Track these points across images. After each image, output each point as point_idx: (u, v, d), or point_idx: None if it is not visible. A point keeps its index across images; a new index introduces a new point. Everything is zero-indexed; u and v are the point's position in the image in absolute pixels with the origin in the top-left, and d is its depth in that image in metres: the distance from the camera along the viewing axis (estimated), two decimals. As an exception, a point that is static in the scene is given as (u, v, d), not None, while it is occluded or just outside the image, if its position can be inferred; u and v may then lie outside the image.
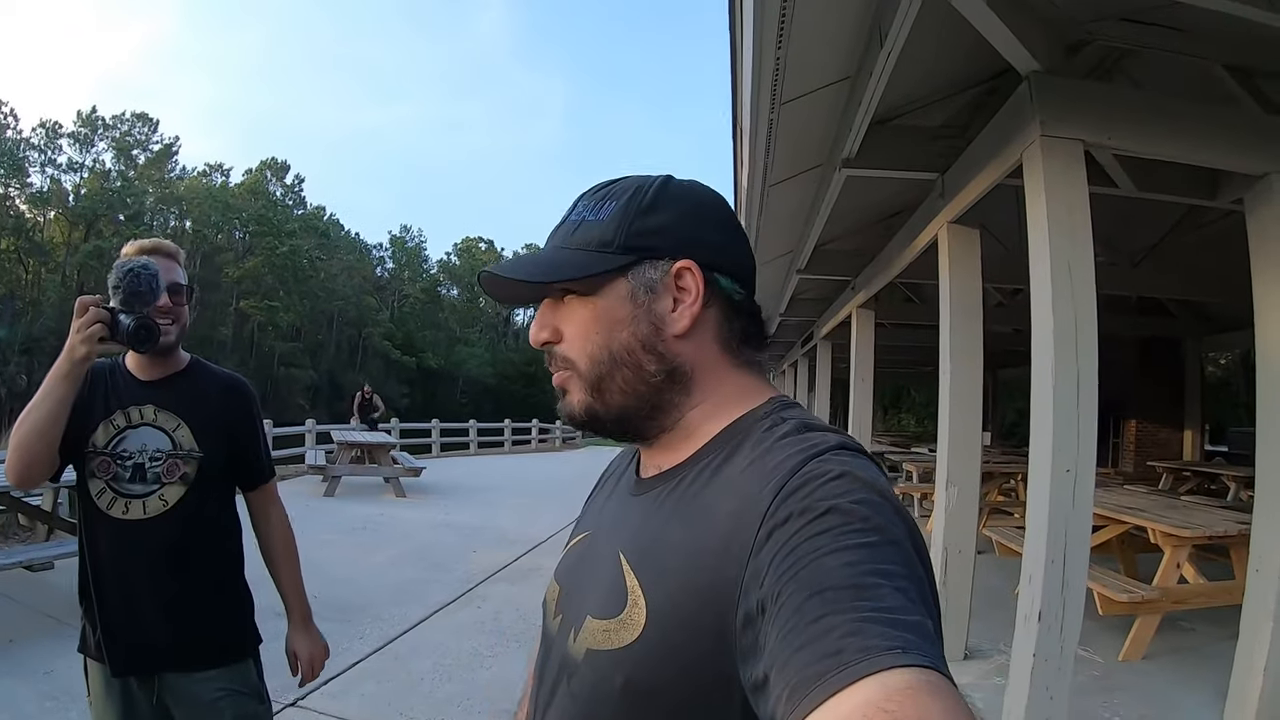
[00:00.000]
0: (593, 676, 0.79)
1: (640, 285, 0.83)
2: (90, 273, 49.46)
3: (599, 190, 0.88)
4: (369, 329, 67.13)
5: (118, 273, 1.77)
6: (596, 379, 0.85)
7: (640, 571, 0.78)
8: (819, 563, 0.59)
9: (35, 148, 52.68)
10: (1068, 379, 3.10)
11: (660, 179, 0.87)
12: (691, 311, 0.83)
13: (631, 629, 0.75)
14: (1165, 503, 6.02)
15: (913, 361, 17.51)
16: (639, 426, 0.88)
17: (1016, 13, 3.02)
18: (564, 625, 0.88)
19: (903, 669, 0.50)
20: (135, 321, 1.74)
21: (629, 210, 0.84)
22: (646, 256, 0.83)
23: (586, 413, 0.87)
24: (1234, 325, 10.33)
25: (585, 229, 0.86)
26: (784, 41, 3.16)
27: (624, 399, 0.85)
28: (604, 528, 0.94)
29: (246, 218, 60.37)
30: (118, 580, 1.86)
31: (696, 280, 0.83)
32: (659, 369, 0.84)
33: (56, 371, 1.72)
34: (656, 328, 0.83)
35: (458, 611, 5.70)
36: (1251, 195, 3.62)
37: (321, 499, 10.73)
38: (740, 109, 4.24)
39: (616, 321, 0.84)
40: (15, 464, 1.75)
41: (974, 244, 4.68)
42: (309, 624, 2.20)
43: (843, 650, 0.52)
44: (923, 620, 0.56)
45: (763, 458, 0.74)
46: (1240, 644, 3.51)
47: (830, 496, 0.64)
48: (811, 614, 0.56)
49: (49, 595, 5.13)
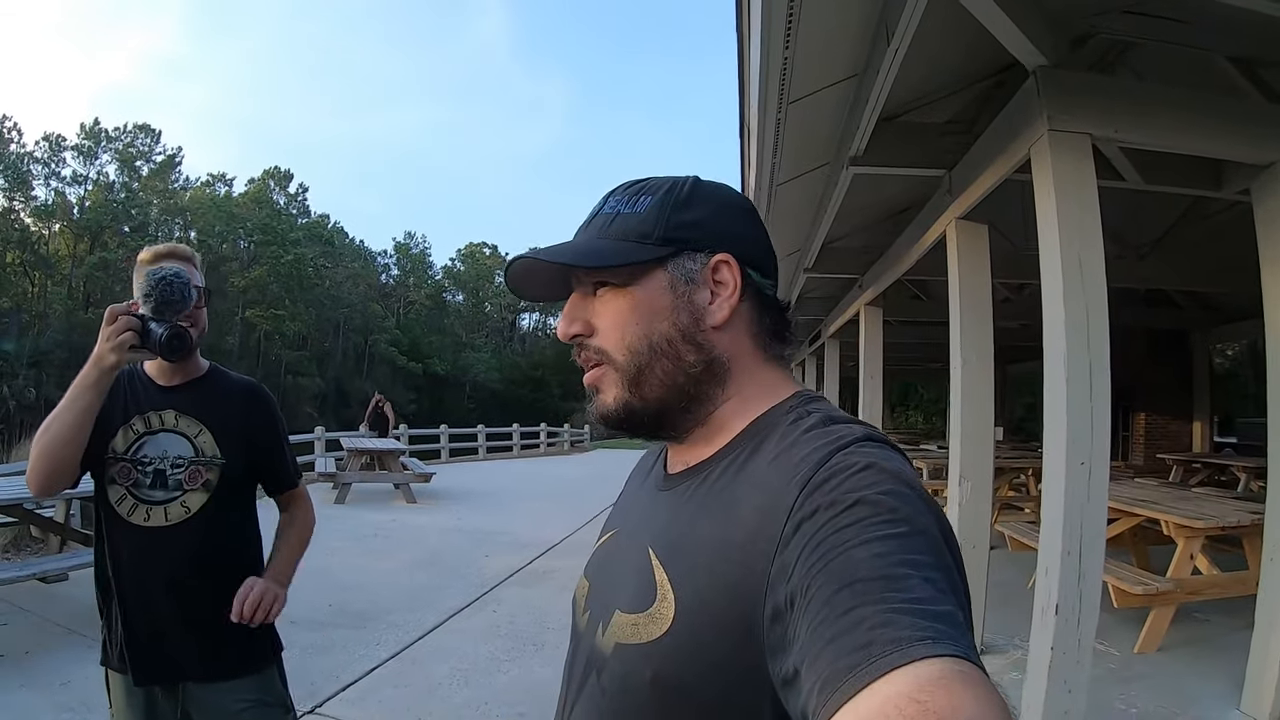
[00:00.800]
0: (622, 670, 0.79)
1: (680, 276, 0.84)
2: (96, 284, 49.61)
3: (631, 186, 0.89)
4: (375, 336, 67.15)
5: (149, 280, 1.76)
6: (635, 371, 0.85)
7: (669, 566, 0.78)
8: (847, 555, 0.59)
9: (39, 161, 52.71)
10: (1080, 372, 3.10)
11: (692, 177, 0.89)
12: (730, 303, 0.84)
13: (660, 623, 0.75)
14: (1177, 494, 6.01)
15: (920, 359, 17.49)
16: (675, 421, 0.88)
17: (1022, 7, 3.02)
18: (592, 620, 0.89)
19: (934, 659, 0.50)
20: (168, 330, 1.72)
21: (666, 204, 0.85)
22: (686, 248, 0.84)
23: (624, 409, 0.87)
24: (1241, 316, 10.30)
25: (622, 220, 0.86)
26: (792, 40, 3.17)
27: (663, 391, 0.85)
28: (632, 523, 0.95)
29: (251, 227, 60.43)
30: (138, 588, 1.85)
31: (734, 273, 0.85)
32: (698, 359, 0.84)
33: (84, 379, 1.71)
34: (696, 319, 0.84)
35: (472, 616, 5.71)
36: (1258, 185, 3.63)
37: (332, 506, 10.75)
38: (747, 108, 4.25)
39: (657, 312, 0.84)
40: (39, 472, 1.74)
41: (983, 240, 4.68)
42: (281, 585, 2.03)
43: (873, 642, 0.52)
44: (953, 610, 0.56)
45: (788, 451, 0.74)
46: (1256, 633, 3.52)
47: (857, 488, 0.65)
48: (841, 606, 0.56)
49: (63, 607, 5.14)
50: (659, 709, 0.75)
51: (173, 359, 1.78)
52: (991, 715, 0.48)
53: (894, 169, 4.69)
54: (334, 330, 65.73)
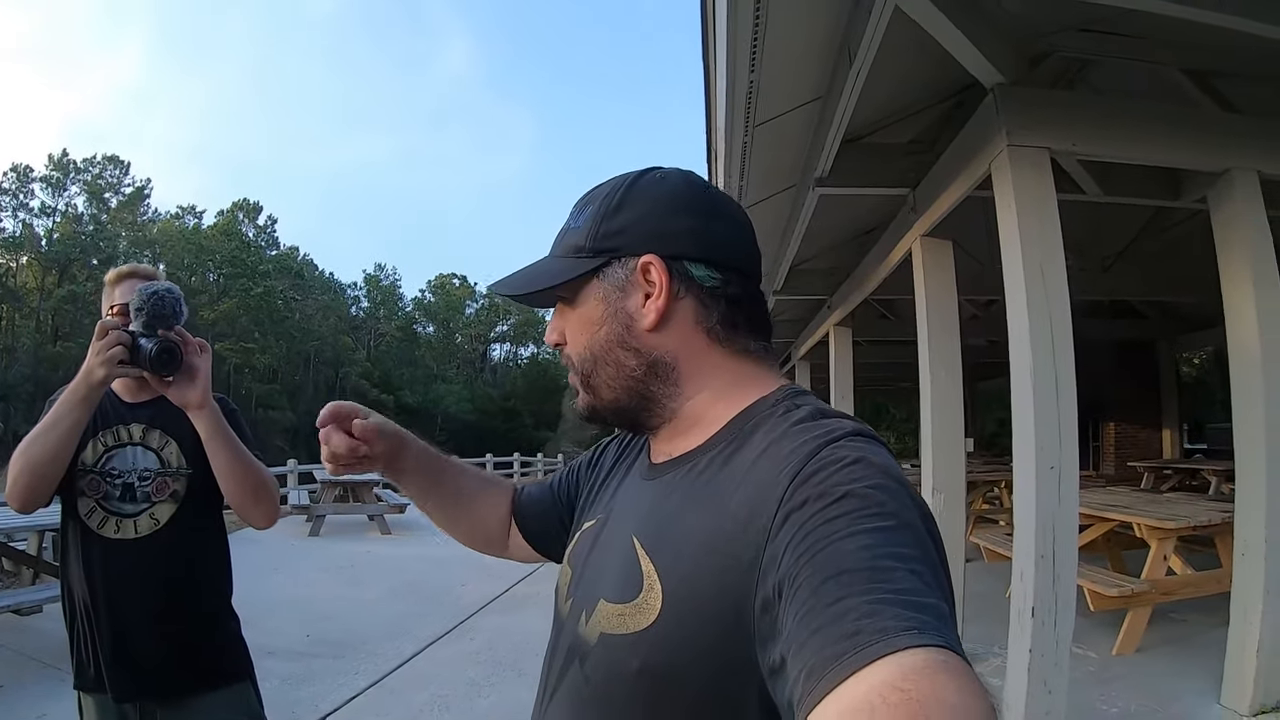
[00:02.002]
0: (607, 660, 0.79)
1: (611, 285, 0.87)
2: (65, 317, 48.67)
3: (586, 195, 0.92)
4: (346, 368, 66.43)
5: (141, 295, 1.76)
6: (586, 377, 0.90)
7: (655, 556, 0.79)
8: (835, 546, 0.60)
9: (6, 192, 51.87)
10: (1046, 378, 3.17)
11: (634, 175, 0.90)
12: (658, 306, 0.84)
13: (648, 613, 0.76)
14: (1148, 499, 6.11)
15: (891, 379, 17.56)
16: (637, 419, 0.91)
17: (979, 28, 3.11)
18: (575, 608, 0.89)
19: (919, 649, 0.51)
20: (158, 345, 1.73)
21: (598, 214, 0.87)
22: (614, 256, 0.86)
23: (588, 409, 0.93)
24: (1205, 324, 10.47)
25: (567, 236, 0.90)
26: (757, 64, 3.24)
27: (613, 394, 0.89)
28: (616, 512, 0.95)
29: (220, 260, 59.78)
30: (110, 601, 1.83)
31: (660, 274, 0.84)
32: (639, 363, 0.87)
33: (72, 394, 1.72)
34: (628, 325, 0.86)
35: (451, 644, 5.66)
36: (1214, 192, 3.74)
37: (307, 539, 10.63)
38: (715, 133, 4.31)
39: (593, 322, 0.88)
40: (22, 488, 1.73)
41: (947, 255, 4.77)
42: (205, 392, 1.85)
43: (859, 631, 0.53)
44: (938, 603, 0.57)
45: (777, 443, 0.75)
46: (1231, 628, 3.58)
47: (846, 481, 0.65)
48: (828, 597, 0.57)
49: (38, 640, 5.05)
50: (645, 699, 0.75)
51: (164, 373, 1.76)
52: (974, 704, 0.48)
53: (859, 189, 4.78)
54: (304, 363, 65.03)
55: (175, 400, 1.81)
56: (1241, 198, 3.62)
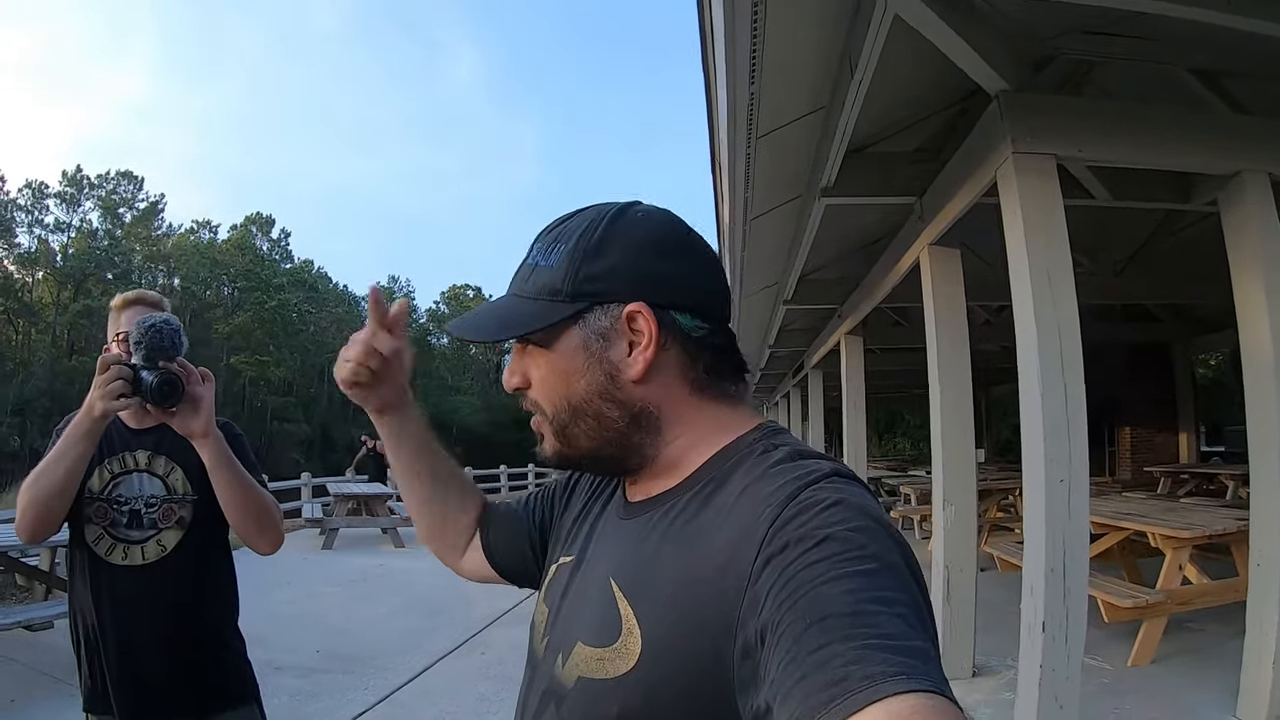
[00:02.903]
0: (585, 704, 0.78)
1: (592, 333, 0.82)
2: (80, 332, 49.21)
3: (551, 230, 0.86)
4: (361, 380, 66.80)
5: (139, 329, 1.78)
6: (560, 427, 0.85)
7: (634, 600, 0.77)
8: (817, 591, 0.59)
9: (22, 208, 52.73)
10: (1055, 389, 3.13)
11: (612, 212, 0.84)
12: (645, 356, 0.80)
13: (626, 658, 0.74)
14: (1164, 506, 6.03)
15: (905, 385, 17.50)
16: (613, 466, 0.89)
17: (981, 34, 3.08)
18: (552, 648, 0.87)
19: (907, 694, 0.50)
20: (158, 378, 1.75)
21: (576, 254, 0.81)
22: (596, 302, 0.81)
23: (559, 457, 0.88)
24: (1220, 326, 10.36)
25: (538, 275, 0.84)
26: (756, 75, 3.22)
27: (591, 444, 0.85)
28: (592, 550, 0.93)
29: (234, 273, 60.33)
30: (119, 626, 1.85)
31: (649, 324, 0.80)
32: (621, 415, 0.83)
33: (75, 430, 1.74)
34: (612, 376, 0.82)
35: (461, 659, 5.65)
36: (1225, 195, 3.69)
37: (319, 552, 10.65)
38: (718, 145, 4.30)
39: (572, 372, 0.83)
40: (31, 521, 1.76)
41: (955, 264, 4.73)
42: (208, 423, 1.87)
43: (847, 678, 0.52)
44: (924, 645, 0.56)
45: (756, 485, 0.73)
46: (1247, 639, 3.52)
47: (826, 524, 0.64)
48: (813, 643, 0.56)
49: (49, 655, 5.05)
50: None
51: (164, 405, 1.78)
52: None
53: (865, 198, 4.75)
54: (319, 375, 65.18)
55: (179, 430, 1.84)
56: (1253, 200, 3.55)
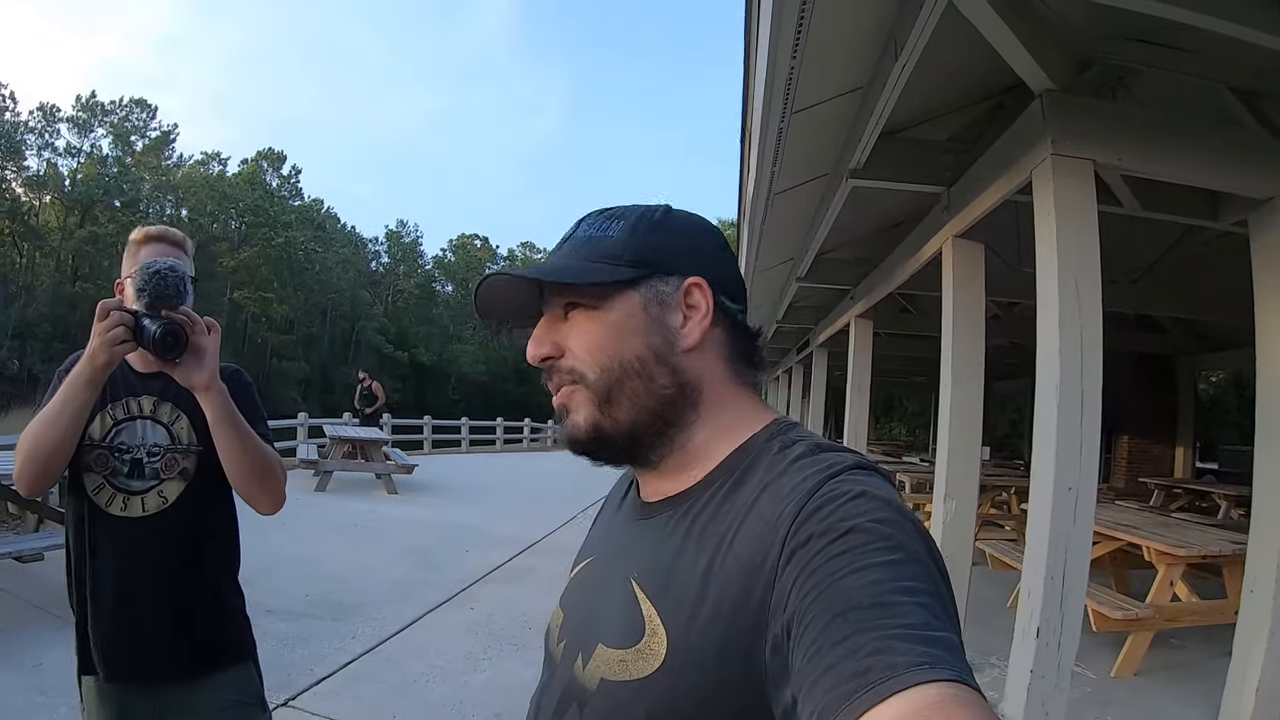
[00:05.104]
0: (609, 707, 0.78)
1: (653, 297, 0.84)
2: (85, 258, 49.24)
3: (604, 212, 0.90)
4: (363, 323, 66.80)
5: (143, 274, 1.68)
6: (606, 389, 0.84)
7: (657, 600, 0.77)
8: (842, 582, 0.60)
9: (33, 131, 52.09)
10: (1072, 396, 3.11)
11: (663, 205, 0.90)
12: (702, 327, 0.84)
13: (651, 659, 0.74)
14: (1159, 520, 6.04)
15: (906, 371, 17.55)
16: (647, 445, 0.86)
17: (1032, 31, 3.03)
18: (569, 652, 0.87)
19: (932, 684, 0.51)
20: (162, 327, 1.65)
21: (638, 227, 0.86)
22: (657, 271, 0.85)
23: (594, 430, 0.85)
24: (1228, 344, 10.36)
25: (594, 244, 0.86)
26: (800, 50, 3.16)
27: (634, 412, 0.84)
28: (610, 553, 0.94)
29: (243, 208, 60.06)
30: (115, 580, 1.79)
31: (707, 297, 0.85)
32: (670, 382, 0.84)
33: (76, 378, 1.65)
34: (668, 340, 0.84)
35: (451, 612, 5.68)
36: (1255, 218, 3.64)
37: (313, 494, 10.66)
38: (750, 116, 4.25)
39: (629, 332, 0.84)
40: (29, 475, 1.69)
41: (979, 259, 4.68)
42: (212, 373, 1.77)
43: (871, 669, 0.52)
44: (948, 635, 0.57)
45: (778, 480, 0.74)
46: (1233, 664, 3.52)
47: (850, 516, 0.65)
48: (838, 634, 0.56)
49: (39, 586, 5.09)
50: None
51: (166, 356, 1.69)
52: None
53: (894, 183, 4.70)
54: (321, 315, 65.43)
55: (181, 381, 1.75)
56: (1286, 227, 3.51)
